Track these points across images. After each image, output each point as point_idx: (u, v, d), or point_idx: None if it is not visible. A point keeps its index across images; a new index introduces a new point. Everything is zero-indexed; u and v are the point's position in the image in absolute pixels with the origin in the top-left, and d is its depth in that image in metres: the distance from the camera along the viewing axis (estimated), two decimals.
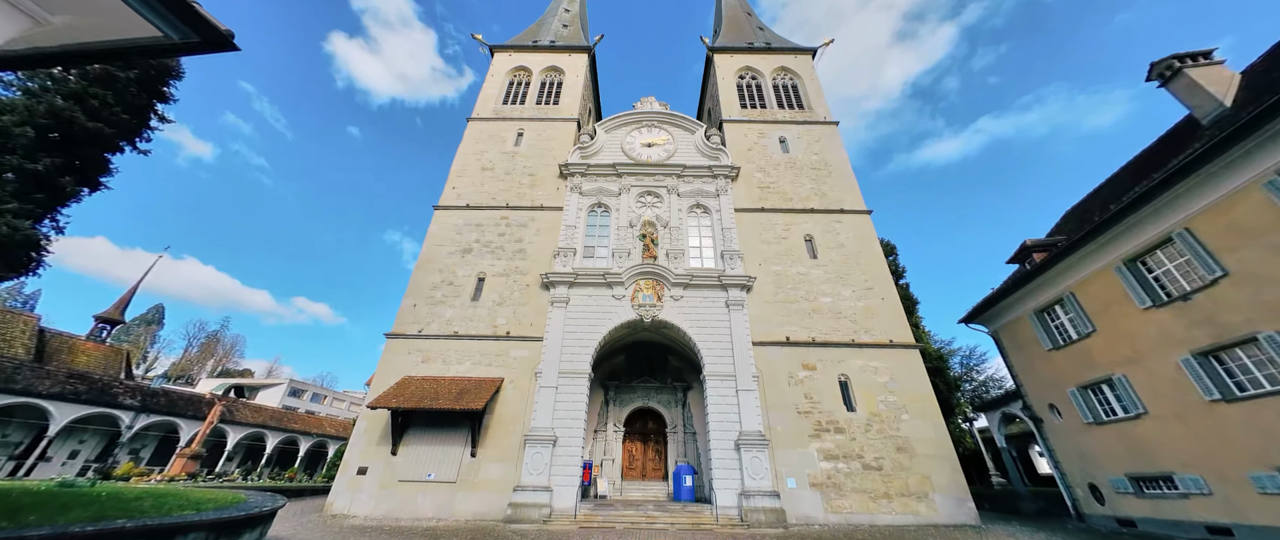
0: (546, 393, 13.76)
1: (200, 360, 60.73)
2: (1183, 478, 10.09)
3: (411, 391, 13.56)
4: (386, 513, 12.46)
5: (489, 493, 12.77)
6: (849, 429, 13.68)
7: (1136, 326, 10.89)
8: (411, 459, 13.33)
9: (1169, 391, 10.23)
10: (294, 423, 29.53)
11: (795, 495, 12.59)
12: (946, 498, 12.61)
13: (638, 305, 15.42)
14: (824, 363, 14.82)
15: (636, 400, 18.06)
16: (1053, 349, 13.48)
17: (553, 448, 12.86)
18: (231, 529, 5.07)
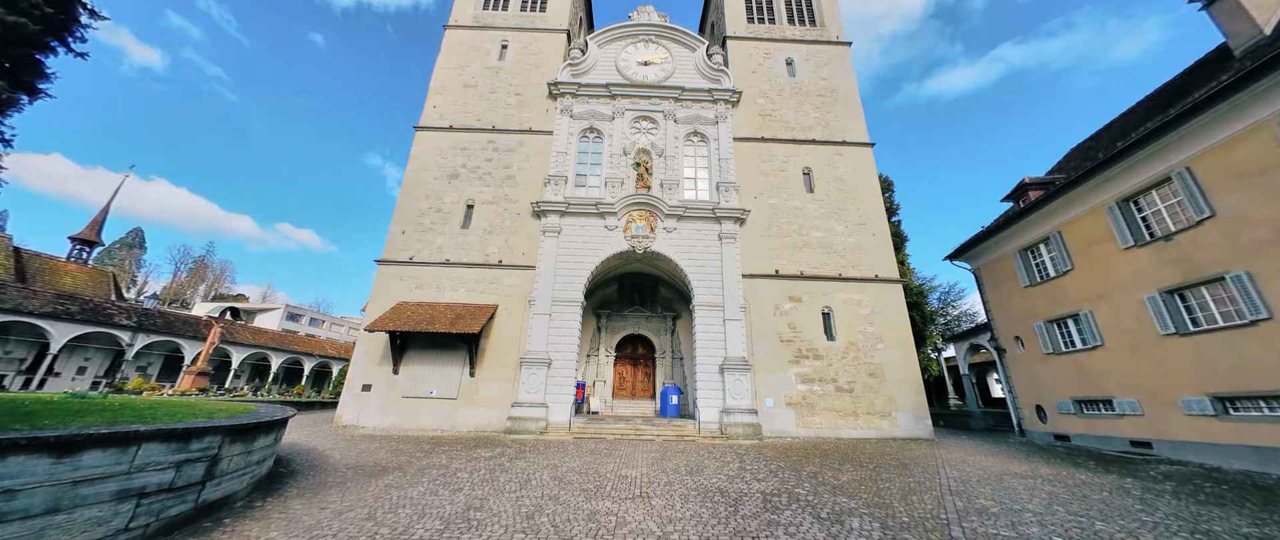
0: (540, 319, 14.17)
1: (192, 284, 60.70)
2: (1120, 401, 11.14)
3: (407, 316, 13.84)
4: (392, 425, 13.39)
5: (488, 408, 13.70)
6: (827, 356, 14.56)
7: (1113, 265, 11.23)
8: (413, 378, 14.03)
9: (1128, 325, 10.87)
10: (296, 344, 30.47)
11: (771, 413, 13.74)
12: (907, 415, 13.89)
13: (630, 236, 15.34)
14: (810, 295, 15.30)
15: (628, 328, 18.77)
16: (1029, 286, 14.01)
17: (548, 369, 13.56)
18: (246, 434, 5.39)
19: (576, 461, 8.49)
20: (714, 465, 8.35)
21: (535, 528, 4.71)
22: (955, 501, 6.07)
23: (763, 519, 5.13)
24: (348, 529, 4.59)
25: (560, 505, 5.57)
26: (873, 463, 8.95)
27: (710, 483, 6.90)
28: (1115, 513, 5.63)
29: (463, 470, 7.56)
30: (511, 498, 5.90)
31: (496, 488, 6.42)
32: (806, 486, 6.77)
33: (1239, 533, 4.94)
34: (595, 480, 6.94)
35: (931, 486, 6.92)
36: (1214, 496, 6.57)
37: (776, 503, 5.83)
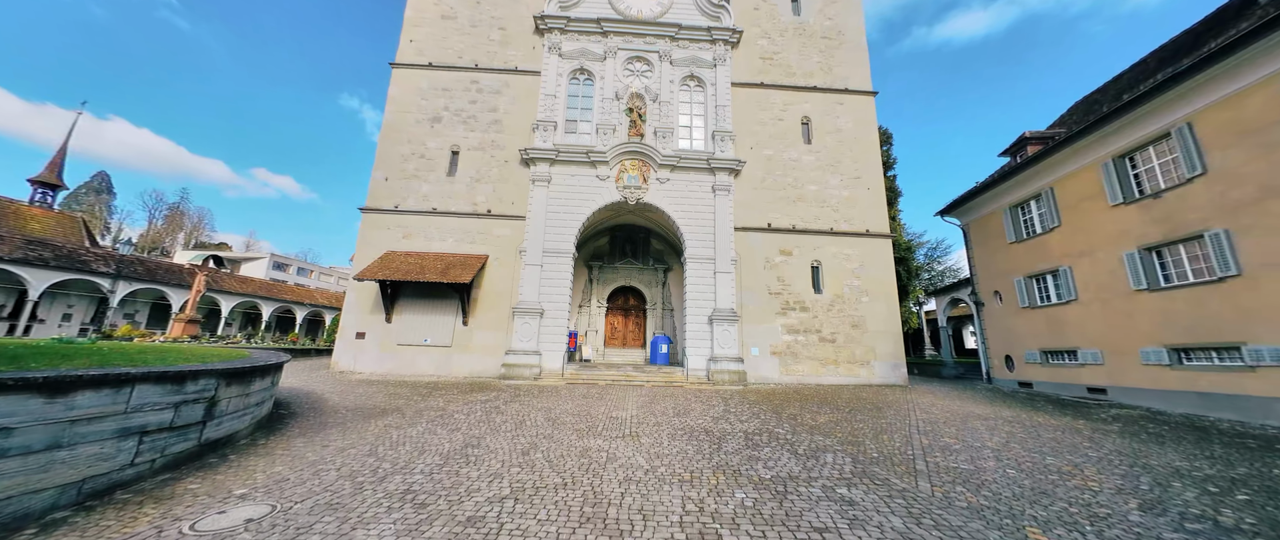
0: (532, 270, 14.15)
1: (169, 232, 58.86)
2: (1084, 351, 11.80)
3: (397, 265, 13.71)
4: (389, 370, 13.72)
5: (482, 355, 14.03)
6: (813, 308, 14.96)
7: (1099, 222, 11.39)
8: (406, 326, 14.17)
9: (1103, 281, 11.26)
10: (285, 293, 30.30)
11: (756, 361, 14.33)
12: (884, 364, 14.62)
13: (622, 186, 14.99)
14: (800, 249, 15.41)
15: (619, 280, 18.92)
16: (1015, 242, 14.24)
17: (540, 319, 13.76)
18: (242, 377, 5.46)
19: (569, 404, 8.88)
20: (700, 408, 8.80)
21: (531, 463, 4.99)
22: (922, 439, 6.55)
23: (744, 455, 5.50)
24: (351, 463, 4.81)
25: (554, 443, 5.88)
26: (849, 406, 9.52)
27: (696, 424, 7.30)
28: (1064, 449, 6.15)
29: (459, 412, 7.87)
30: (508, 436, 6.20)
31: (493, 427, 6.72)
32: (786, 427, 7.21)
33: (1171, 466, 5.45)
34: (587, 421, 7.29)
35: (901, 427, 7.43)
36: (1155, 436, 7.18)
37: (757, 441, 6.23)
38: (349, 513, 3.53)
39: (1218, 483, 4.80)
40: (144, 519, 3.33)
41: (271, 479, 4.30)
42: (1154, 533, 3.49)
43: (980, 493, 4.32)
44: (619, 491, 4.13)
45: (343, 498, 3.84)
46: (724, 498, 4.03)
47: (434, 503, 3.78)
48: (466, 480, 4.37)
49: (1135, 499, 4.26)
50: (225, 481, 4.20)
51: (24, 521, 3.17)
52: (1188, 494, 4.42)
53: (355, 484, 4.19)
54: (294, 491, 3.98)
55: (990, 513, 3.82)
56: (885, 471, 4.95)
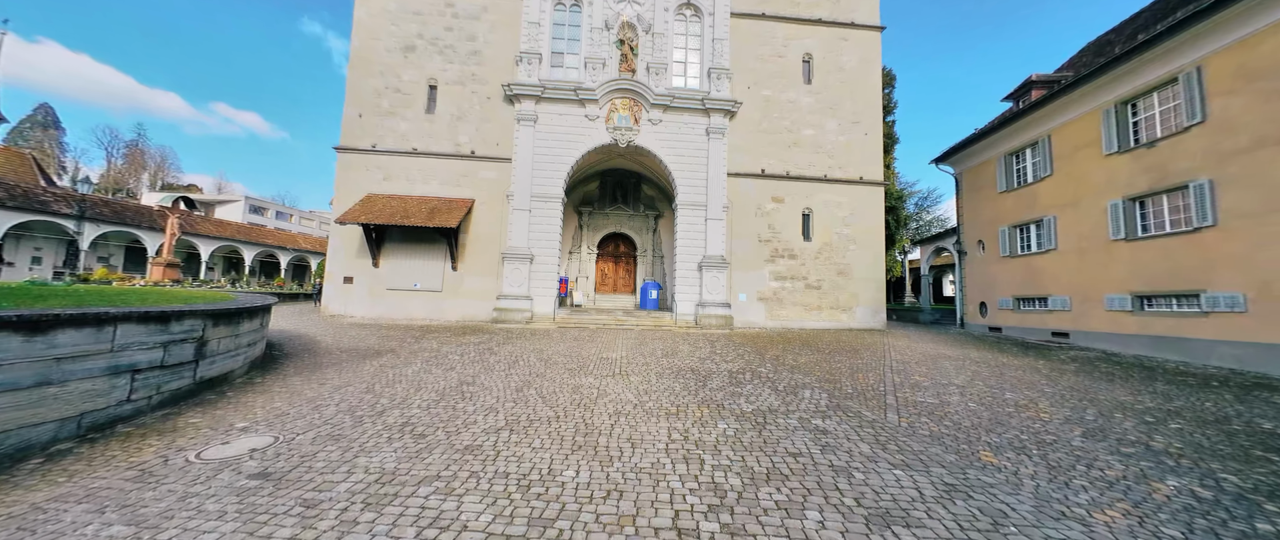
0: (520, 215, 13.86)
1: (132, 172, 55.55)
2: (1055, 298, 12.35)
3: (379, 208, 13.29)
4: (381, 314, 13.81)
5: (474, 300, 14.15)
6: (801, 255, 15.16)
7: (1090, 171, 11.40)
8: (394, 271, 14.06)
9: (1084, 231, 11.50)
10: (266, 237, 29.51)
11: (743, 306, 14.74)
12: (866, 309, 15.18)
13: (613, 128, 14.33)
14: (792, 196, 15.27)
15: (610, 226, 18.73)
16: (1005, 191, 14.28)
17: (530, 264, 13.74)
18: (229, 318, 5.43)
19: (561, 346, 9.14)
20: (687, 349, 9.16)
21: (525, 399, 5.21)
22: (894, 377, 6.97)
23: (727, 391, 5.81)
24: (349, 399, 4.97)
25: (547, 381, 6.12)
26: (829, 348, 10.00)
27: (683, 363, 7.63)
28: (1023, 385, 6.62)
29: (453, 353, 8.07)
30: (501, 375, 6.41)
31: (486, 367, 6.93)
32: (768, 366, 7.58)
33: (1116, 400, 5.94)
34: (578, 361, 7.56)
35: (876, 367, 7.87)
36: (1106, 374, 7.75)
37: (740, 379, 6.57)
38: (350, 442, 3.69)
39: (1155, 414, 5.26)
40: (149, 449, 3.45)
41: (271, 413, 4.43)
42: (1092, 455, 3.87)
43: (942, 423, 4.68)
44: (609, 423, 4.37)
45: (343, 429, 4.01)
46: (707, 428, 4.30)
47: (432, 433, 3.97)
48: (463, 414, 4.56)
49: (1080, 428, 4.67)
50: (225, 416, 4.32)
51: (28, 452, 3.26)
52: (1127, 424, 4.85)
53: (355, 417, 4.36)
54: (295, 424, 4.13)
55: (949, 439, 4.17)
56: (858, 405, 5.30)
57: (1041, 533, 2.57)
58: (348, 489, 2.85)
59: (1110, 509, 2.89)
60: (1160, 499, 3.06)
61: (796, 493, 2.97)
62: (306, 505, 2.62)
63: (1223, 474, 3.52)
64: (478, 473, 3.15)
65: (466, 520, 2.51)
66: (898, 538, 2.46)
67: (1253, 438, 4.46)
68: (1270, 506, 2.99)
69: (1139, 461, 3.75)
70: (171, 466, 3.16)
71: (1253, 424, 4.95)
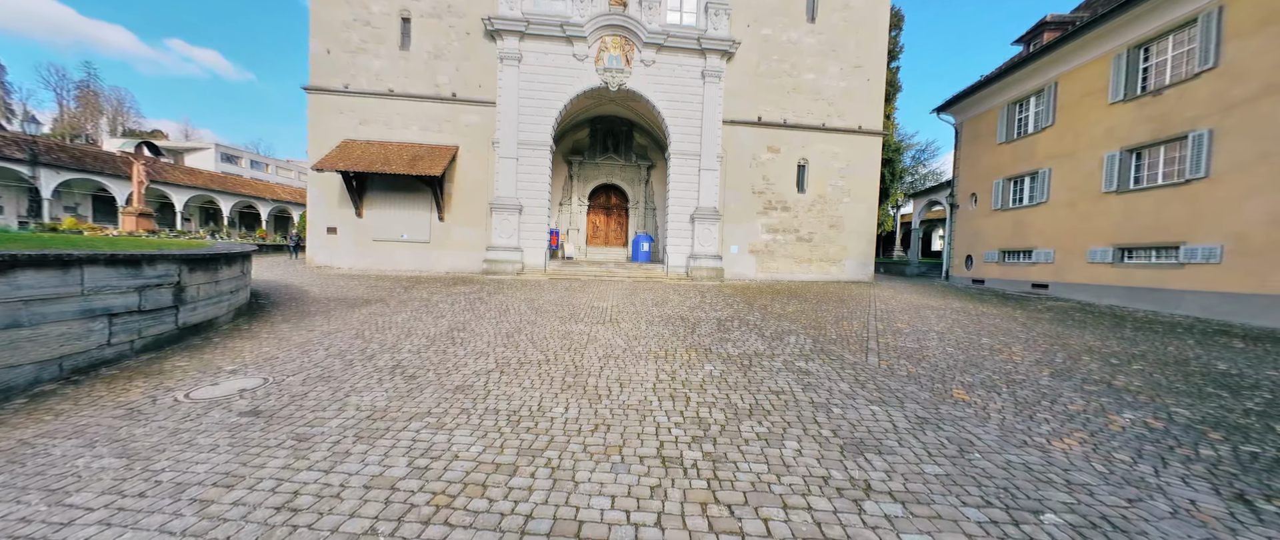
0: (507, 163, 13.35)
1: (88, 116, 51.78)
2: (1039, 251, 12.57)
3: (357, 155, 12.66)
4: (368, 265, 13.64)
5: (463, 251, 13.97)
6: (794, 208, 15.03)
7: (1092, 121, 11.16)
8: (379, 221, 13.70)
9: (1077, 183, 11.47)
10: (243, 187, 28.35)
11: (735, 258, 14.80)
12: (854, 262, 15.36)
13: (603, 68, 13.48)
14: (788, 146, 14.85)
15: (601, 177, 18.22)
16: (1004, 142, 14.02)
17: (519, 215, 13.45)
18: (206, 264, 5.28)
19: (552, 296, 9.18)
20: (677, 299, 9.26)
21: (515, 343, 5.27)
22: (877, 325, 7.17)
23: (715, 337, 5.94)
24: (338, 345, 4.98)
25: (537, 328, 6.18)
26: (817, 298, 10.19)
27: (673, 312, 7.74)
28: (999, 332, 6.87)
29: (443, 301, 8.06)
30: (492, 322, 6.45)
31: (477, 315, 6.96)
32: (757, 315, 7.73)
33: (1085, 344, 6.21)
34: (569, 310, 7.61)
35: (861, 315, 8.07)
36: (1079, 322, 8.05)
37: (728, 326, 6.70)
38: (341, 383, 3.73)
39: (1119, 357, 5.53)
40: (135, 390, 3.45)
41: (260, 357, 4.43)
42: (1056, 392, 4.08)
43: (920, 365, 4.87)
44: (598, 365, 4.46)
45: (333, 372, 4.03)
46: (694, 370, 4.42)
47: (423, 375, 4.02)
48: (454, 358, 4.61)
49: (1048, 369, 4.89)
50: (213, 360, 4.31)
51: (9, 393, 3.23)
52: (1093, 365, 5.10)
53: (345, 361, 4.38)
54: (284, 367, 4.14)
55: (925, 379, 4.35)
56: (841, 349, 5.47)
57: (1003, 457, 2.74)
58: (339, 425, 2.90)
59: (1068, 438, 3.08)
60: (1115, 430, 3.26)
61: (777, 426, 3.10)
62: (299, 439, 2.67)
63: (1175, 408, 3.75)
64: (468, 409, 3.22)
65: (458, 451, 2.58)
66: (870, 463, 2.60)
67: (1207, 377, 4.72)
68: (1214, 435, 3.21)
69: (1099, 398, 3.96)
70: (160, 405, 3.17)
71: (1209, 365, 5.23)
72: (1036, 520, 2.09)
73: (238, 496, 2.05)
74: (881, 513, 2.10)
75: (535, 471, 2.38)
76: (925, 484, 2.38)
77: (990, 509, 2.17)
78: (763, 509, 2.10)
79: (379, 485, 2.19)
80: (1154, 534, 2.02)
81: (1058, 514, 2.15)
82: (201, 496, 2.05)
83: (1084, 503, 2.26)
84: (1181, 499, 2.33)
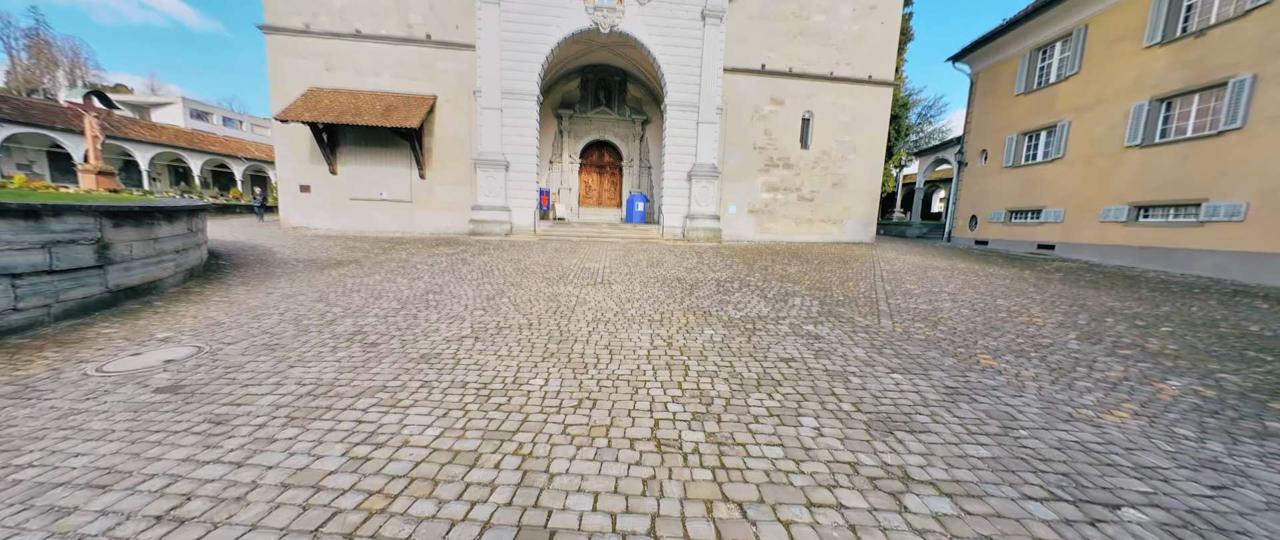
0: (490, 114, 12.32)
1: (43, 68, 48.02)
2: (1048, 211, 12.08)
3: (325, 105, 11.58)
4: (347, 226, 12.89)
5: (448, 211, 13.22)
6: (797, 165, 14.27)
7: (1122, 67, 10.32)
8: (355, 179, 12.81)
9: (1097, 135, 10.81)
10: (213, 144, 26.71)
11: (733, 219, 14.20)
12: (856, 222, 14.84)
13: (592, 7, 12.18)
14: (793, 98, 13.87)
15: (593, 132, 17.14)
16: (1022, 93, 13.14)
17: (505, 172, 12.61)
18: (138, 219, 4.63)
19: (540, 257, 8.63)
20: (674, 260, 8.76)
21: (495, 307, 4.79)
22: (885, 286, 6.76)
23: (715, 299, 5.49)
24: (297, 309, 4.47)
25: (521, 290, 5.68)
26: (819, 259, 9.74)
27: (670, 273, 7.26)
28: (1013, 293, 6.50)
29: (423, 263, 7.49)
30: (473, 285, 5.94)
31: (458, 277, 6.43)
32: (758, 276, 7.27)
33: (1105, 305, 5.86)
34: (558, 271, 7.10)
35: (866, 276, 7.65)
36: (1091, 282, 7.71)
37: (729, 287, 6.25)
38: (288, 353, 3.25)
39: (1145, 319, 5.18)
40: (40, 362, 2.94)
41: (202, 323, 3.92)
42: (1090, 357, 3.71)
43: (937, 328, 4.47)
44: (586, 331, 4.01)
45: (283, 340, 3.54)
46: (693, 334, 3.99)
47: (386, 342, 3.54)
48: (424, 322, 4.13)
49: (1074, 332, 4.53)
50: (147, 326, 3.79)
51: None
52: (1119, 327, 4.74)
53: (299, 327, 3.88)
54: (227, 334, 3.64)
55: (946, 343, 3.96)
56: (850, 312, 5.06)
57: (1053, 436, 2.35)
58: (271, 403, 2.43)
59: (1118, 410, 2.71)
60: (1166, 399, 2.90)
61: (790, 400, 2.69)
62: (214, 422, 2.21)
63: (1222, 374, 3.40)
64: (431, 383, 2.77)
65: (409, 435, 2.14)
66: (903, 444, 2.20)
67: (1243, 340, 4.39)
68: (1276, 404, 2.86)
69: (1137, 363, 3.60)
70: (63, 380, 2.68)
71: (1240, 327, 4.90)
72: (1116, 517, 1.71)
73: (109, 502, 1.60)
74: (928, 510, 1.70)
75: (501, 461, 1.95)
76: (972, 471, 1.99)
77: (1057, 504, 1.78)
78: (782, 508, 1.69)
79: (300, 483, 1.74)
80: (1259, 533, 1.65)
81: (1138, 509, 1.76)
82: (62, 502, 1.59)
83: (1163, 493, 1.88)
84: (1272, 486, 1.96)
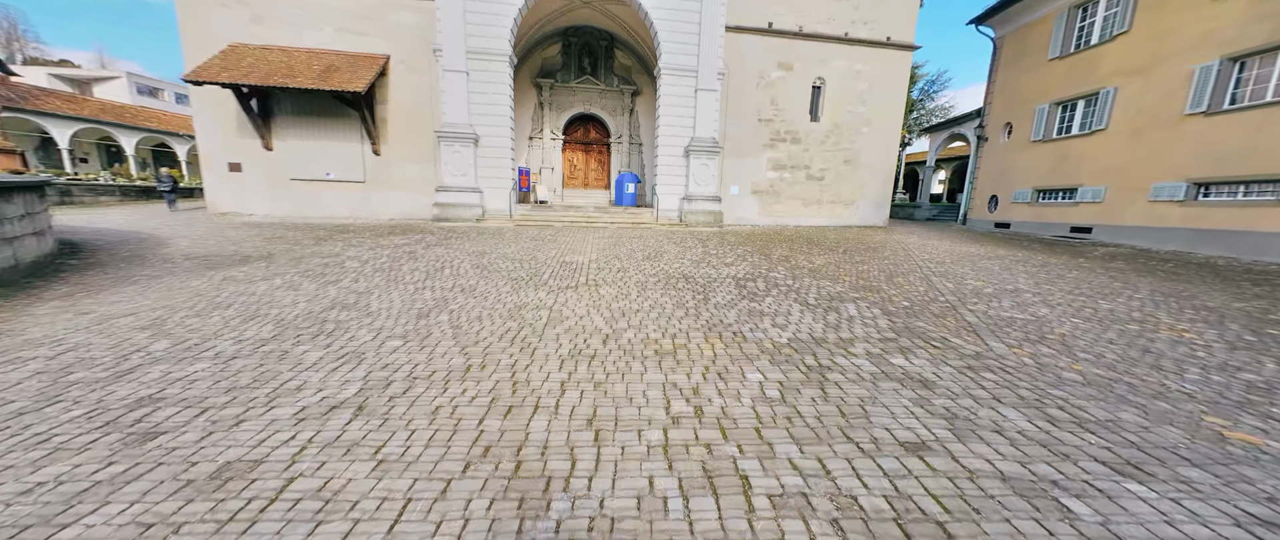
0: (454, 78, 10.42)
1: None
2: (1086, 189, 10.84)
3: (249, 64, 9.56)
4: (289, 211, 11.01)
5: (410, 193, 11.42)
6: (805, 140, 12.76)
7: (1185, 23, 8.95)
8: (295, 154, 10.86)
9: (1151, 104, 9.50)
10: (150, 120, 23.86)
11: (735, 200, 12.70)
12: (868, 204, 13.49)
13: None
14: (803, 62, 12.24)
15: (577, 105, 15.25)
16: (1056, 58, 11.72)
17: (475, 147, 10.80)
18: None
19: (512, 248, 7.04)
20: (675, 250, 7.26)
21: (422, 333, 3.24)
22: (943, 283, 5.40)
23: (741, 308, 4.03)
24: (93, 343, 2.85)
25: (475, 298, 4.13)
26: (841, 247, 8.34)
27: (673, 268, 5.76)
28: (1106, 292, 5.18)
29: (354, 259, 5.84)
30: (408, 290, 4.36)
31: (392, 279, 4.83)
32: (782, 271, 5.83)
33: (1229, 305, 4.58)
34: (530, 268, 5.54)
35: (911, 268, 6.27)
36: (1172, 274, 6.46)
37: (753, 289, 4.79)
38: None
39: None
40: None
41: None
42: None
43: (1075, 355, 3.09)
44: (558, 378, 2.51)
45: (22, 411, 1.96)
46: (731, 383, 2.52)
47: (172, 435, 1.98)
48: (286, 372, 2.57)
49: (1248, 349, 3.20)
50: None
51: None
52: None
53: (57, 384, 2.29)
54: None
55: (1123, 388, 2.58)
56: (933, 327, 3.65)
57: None
58: None
59: None
60: None
61: None
62: None
63: None
64: None
65: None
66: None
67: None
68: None
69: None
70: None
71: None
72: None
73: None
74: None
75: None
76: None
77: None
78: None
79: None
80: None
81: None
82: None
83: None
84: None
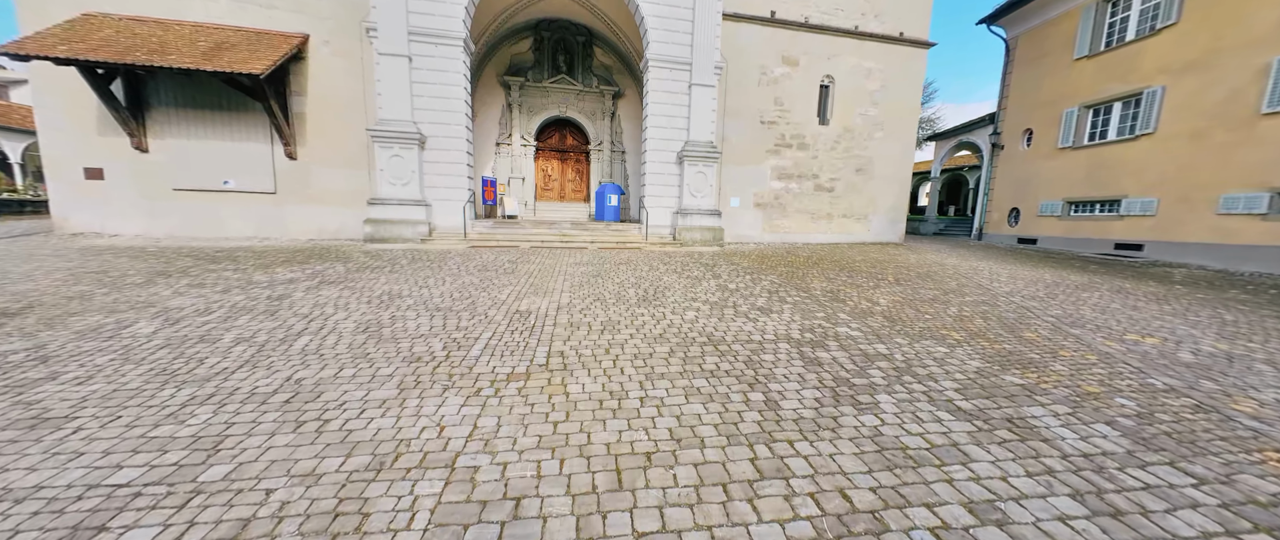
0: (393, 64, 8.34)
1: None
2: (1133, 201, 9.58)
3: (105, 37, 7.22)
4: (173, 230, 8.53)
5: (335, 207, 9.15)
6: (813, 145, 11.20)
7: (1250, 10, 7.84)
8: (180, 158, 8.46)
9: (1212, 104, 8.33)
10: None
11: (735, 214, 10.97)
12: (883, 218, 12.01)
13: None
14: (810, 57, 10.76)
15: (551, 107, 13.35)
16: (1085, 57, 10.63)
17: (421, 151, 8.70)
18: None
19: (448, 284, 4.93)
20: (677, 282, 5.32)
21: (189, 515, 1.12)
22: (1096, 338, 3.64)
23: (851, 429, 2.12)
24: None
25: (287, 435, 2.05)
26: (882, 273, 6.60)
27: (686, 320, 3.81)
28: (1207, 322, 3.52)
29: (176, 308, 3.62)
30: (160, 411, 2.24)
31: (173, 367, 2.67)
32: (845, 319, 3.96)
33: None
34: (456, 329, 3.47)
35: (1009, 309, 4.52)
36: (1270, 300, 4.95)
37: (835, 367, 2.89)
38: None
39: None
40: None
41: None
42: None
43: None
44: None
45: None
46: None
47: None
48: None
49: None
50: None
51: None
52: None
53: None
54: None
55: None
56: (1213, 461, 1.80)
57: None
58: None
59: None
60: None
61: None
62: None
63: None
64: None
65: None
66: None
67: None
68: None
69: None
70: None
71: None
72: None
73: None
74: None
75: None
76: None
77: None
78: None
79: None
80: None
81: None
82: None
83: None
84: None
